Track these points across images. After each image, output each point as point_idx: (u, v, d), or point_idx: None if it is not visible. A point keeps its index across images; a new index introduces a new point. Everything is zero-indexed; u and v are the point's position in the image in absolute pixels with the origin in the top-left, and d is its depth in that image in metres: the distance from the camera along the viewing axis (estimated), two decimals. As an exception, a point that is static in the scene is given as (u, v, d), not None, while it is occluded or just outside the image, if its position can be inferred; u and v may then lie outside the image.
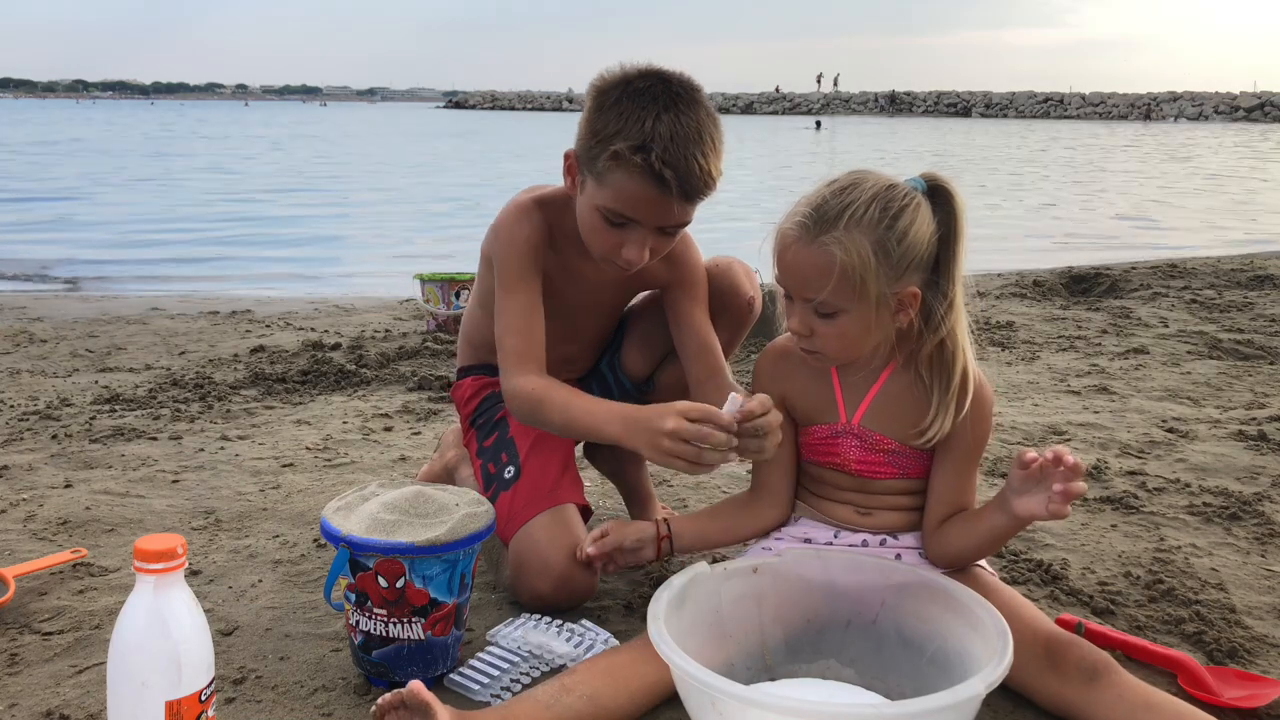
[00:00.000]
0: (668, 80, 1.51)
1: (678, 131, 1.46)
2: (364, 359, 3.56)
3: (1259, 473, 2.38)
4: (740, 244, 1.99)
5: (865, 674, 1.37)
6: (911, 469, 1.50)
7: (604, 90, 1.53)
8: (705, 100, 1.53)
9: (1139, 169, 18.53)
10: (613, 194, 1.50)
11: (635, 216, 1.52)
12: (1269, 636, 1.61)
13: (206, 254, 7.34)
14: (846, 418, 1.50)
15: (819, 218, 1.36)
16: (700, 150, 1.47)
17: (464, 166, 18.60)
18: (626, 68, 1.55)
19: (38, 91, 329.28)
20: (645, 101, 1.48)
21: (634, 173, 1.47)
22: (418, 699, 1.21)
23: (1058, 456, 1.26)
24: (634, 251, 1.54)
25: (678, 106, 1.48)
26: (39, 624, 1.62)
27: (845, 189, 1.37)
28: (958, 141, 31.51)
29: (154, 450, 2.51)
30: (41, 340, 3.85)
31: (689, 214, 1.54)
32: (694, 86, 1.53)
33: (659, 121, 1.46)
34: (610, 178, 1.50)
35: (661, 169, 1.45)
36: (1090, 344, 3.85)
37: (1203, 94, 71.52)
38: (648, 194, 1.48)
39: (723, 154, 1.53)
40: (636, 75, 1.52)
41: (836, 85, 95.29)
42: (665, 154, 1.45)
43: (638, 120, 1.47)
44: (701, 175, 1.48)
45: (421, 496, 1.48)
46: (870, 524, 1.52)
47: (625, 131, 1.47)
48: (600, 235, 1.56)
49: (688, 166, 1.46)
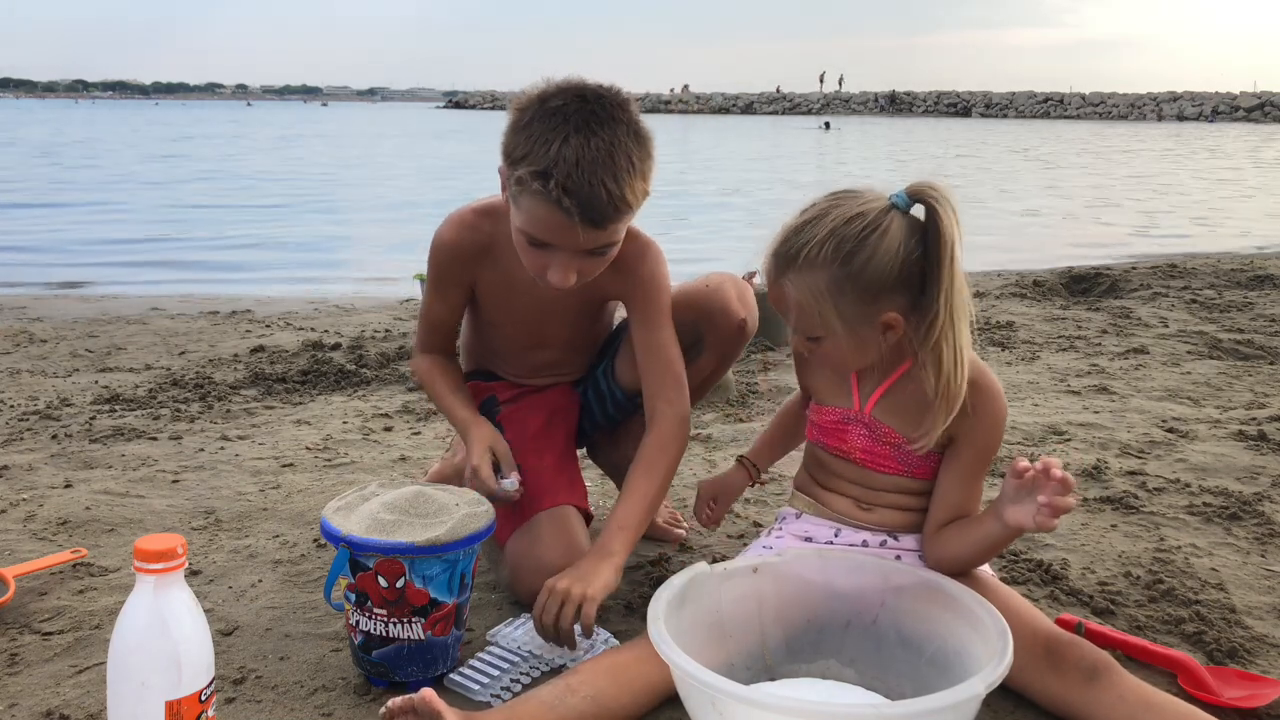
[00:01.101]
0: (584, 97, 1.45)
1: (584, 156, 1.40)
2: (364, 359, 3.56)
3: (1259, 473, 2.38)
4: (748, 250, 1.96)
5: (865, 674, 1.37)
6: (917, 468, 1.49)
7: (521, 108, 1.48)
8: (628, 117, 1.46)
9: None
10: (525, 218, 1.47)
11: (549, 241, 1.47)
12: (1269, 636, 1.61)
13: (207, 254, 7.34)
14: (859, 405, 1.51)
15: (782, 254, 1.40)
16: (610, 174, 1.41)
17: (465, 166, 18.60)
18: (548, 84, 1.49)
19: (38, 91, 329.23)
20: (556, 123, 1.42)
21: (538, 199, 1.43)
22: (429, 706, 1.21)
23: (1046, 468, 1.26)
24: (557, 274, 1.50)
25: (590, 127, 1.42)
26: (39, 624, 1.62)
27: (807, 224, 1.39)
28: (988, 140, 31.52)
29: (154, 450, 2.51)
30: (41, 340, 3.85)
31: (605, 238, 1.48)
32: (615, 103, 1.46)
33: (565, 145, 1.40)
34: (521, 201, 1.46)
35: (560, 196, 1.40)
36: (1090, 344, 3.85)
37: (1203, 94, 71.52)
38: (553, 221, 1.44)
39: (644, 173, 1.47)
40: (554, 92, 1.46)
41: (841, 85, 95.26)
42: (567, 180, 1.39)
43: (545, 143, 1.41)
44: (610, 201, 1.42)
45: (421, 496, 1.48)
46: (871, 520, 1.53)
47: (531, 155, 1.42)
48: (526, 255, 1.53)
49: (591, 193, 1.40)
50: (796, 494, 1.64)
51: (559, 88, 1.47)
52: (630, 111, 1.48)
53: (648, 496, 1.63)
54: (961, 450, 1.46)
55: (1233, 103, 66.12)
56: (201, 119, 53.02)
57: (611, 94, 1.47)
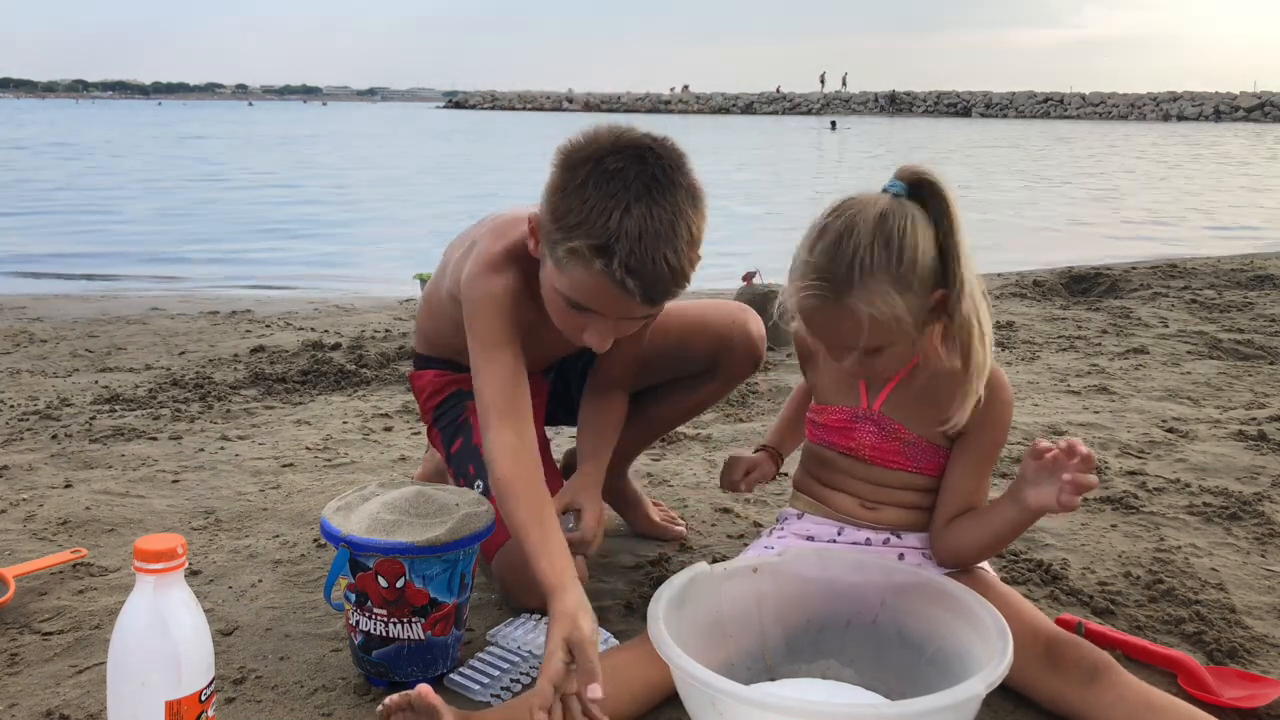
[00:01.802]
0: (644, 159, 1.34)
1: (647, 229, 1.30)
2: (364, 359, 3.56)
3: (1259, 473, 2.38)
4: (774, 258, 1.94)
5: (865, 674, 1.37)
6: (925, 464, 1.50)
7: (571, 165, 1.35)
8: (688, 179, 1.37)
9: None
10: (570, 285, 1.37)
11: (596, 309, 1.38)
12: (1269, 636, 1.61)
13: (207, 253, 7.34)
14: (868, 403, 1.51)
15: (832, 279, 1.33)
16: (672, 249, 1.32)
17: (465, 166, 18.60)
18: (601, 136, 1.37)
19: (38, 91, 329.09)
20: (615, 189, 1.31)
21: (594, 274, 1.32)
22: (425, 702, 1.21)
23: (1071, 447, 1.27)
24: (596, 339, 1.43)
25: (651, 195, 1.31)
26: (39, 624, 1.62)
27: (842, 236, 1.33)
28: (1006, 140, 31.50)
29: (154, 450, 2.51)
30: (41, 340, 3.85)
31: (657, 309, 1.41)
32: (674, 164, 1.36)
33: (627, 216, 1.29)
34: (569, 269, 1.35)
35: (624, 277, 1.30)
36: (1090, 344, 3.85)
37: (1203, 94, 71.51)
38: (608, 294, 1.34)
39: (701, 238, 1.38)
40: (609, 149, 1.34)
41: (845, 84, 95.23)
42: (630, 259, 1.30)
43: (603, 213, 1.30)
44: (672, 276, 1.33)
45: (421, 496, 1.48)
46: (874, 518, 1.53)
47: (588, 226, 1.31)
48: (561, 315, 1.44)
49: (655, 271, 1.31)
50: (797, 494, 1.64)
51: (614, 145, 1.35)
52: (687, 170, 1.38)
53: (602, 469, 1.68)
54: (971, 441, 1.46)
55: (1233, 103, 66.10)
56: (207, 119, 53.07)
57: (669, 152, 1.37)
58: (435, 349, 1.84)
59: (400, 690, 1.40)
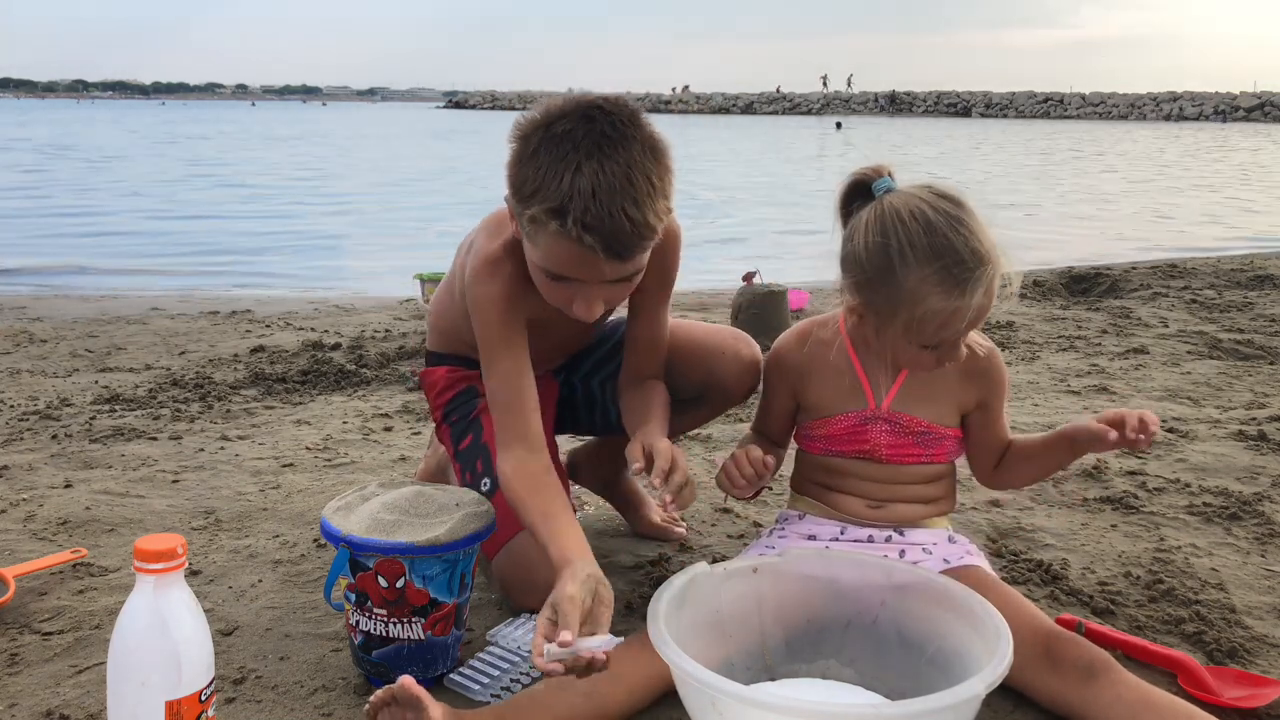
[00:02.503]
0: (591, 118, 1.33)
1: (600, 184, 1.29)
2: (364, 359, 3.56)
3: (1259, 473, 2.38)
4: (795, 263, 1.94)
5: (865, 674, 1.37)
6: (937, 451, 1.54)
7: (523, 136, 1.36)
8: (641, 132, 1.35)
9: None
10: (543, 255, 1.38)
11: (572, 276, 1.39)
12: (1269, 636, 1.61)
13: (206, 254, 7.34)
14: (876, 403, 1.52)
15: (970, 274, 1.35)
16: (630, 200, 1.30)
17: (465, 165, 18.59)
18: (552, 104, 1.37)
19: (38, 91, 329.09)
20: (564, 151, 1.31)
21: (556, 237, 1.33)
22: (408, 694, 1.21)
23: (1144, 425, 1.36)
24: (583, 308, 1.42)
25: (602, 150, 1.30)
26: (39, 624, 1.62)
27: (952, 223, 1.35)
28: (1031, 140, 31.47)
29: (154, 450, 2.51)
30: (41, 340, 3.85)
31: (632, 266, 1.39)
32: (625, 119, 1.34)
33: (579, 175, 1.29)
34: (537, 239, 1.36)
35: (580, 234, 1.30)
36: (1090, 344, 3.85)
37: (1203, 94, 71.49)
38: (575, 256, 1.34)
39: (665, 191, 1.36)
40: (558, 115, 1.34)
41: (850, 85, 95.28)
42: (585, 215, 1.29)
43: (555, 176, 1.30)
44: (634, 230, 1.32)
45: (421, 496, 1.48)
46: (879, 517, 1.54)
47: (543, 191, 1.31)
48: (548, 290, 1.44)
49: (613, 225, 1.30)
50: (797, 496, 1.64)
51: (562, 109, 1.35)
52: (641, 124, 1.37)
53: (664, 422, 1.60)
54: (992, 404, 1.56)
55: (1233, 103, 66.10)
56: (212, 119, 52.93)
57: (619, 108, 1.36)
58: (448, 345, 1.83)
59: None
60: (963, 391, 1.55)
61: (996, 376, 1.56)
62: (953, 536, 1.58)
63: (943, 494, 1.59)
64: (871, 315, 1.42)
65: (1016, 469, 1.59)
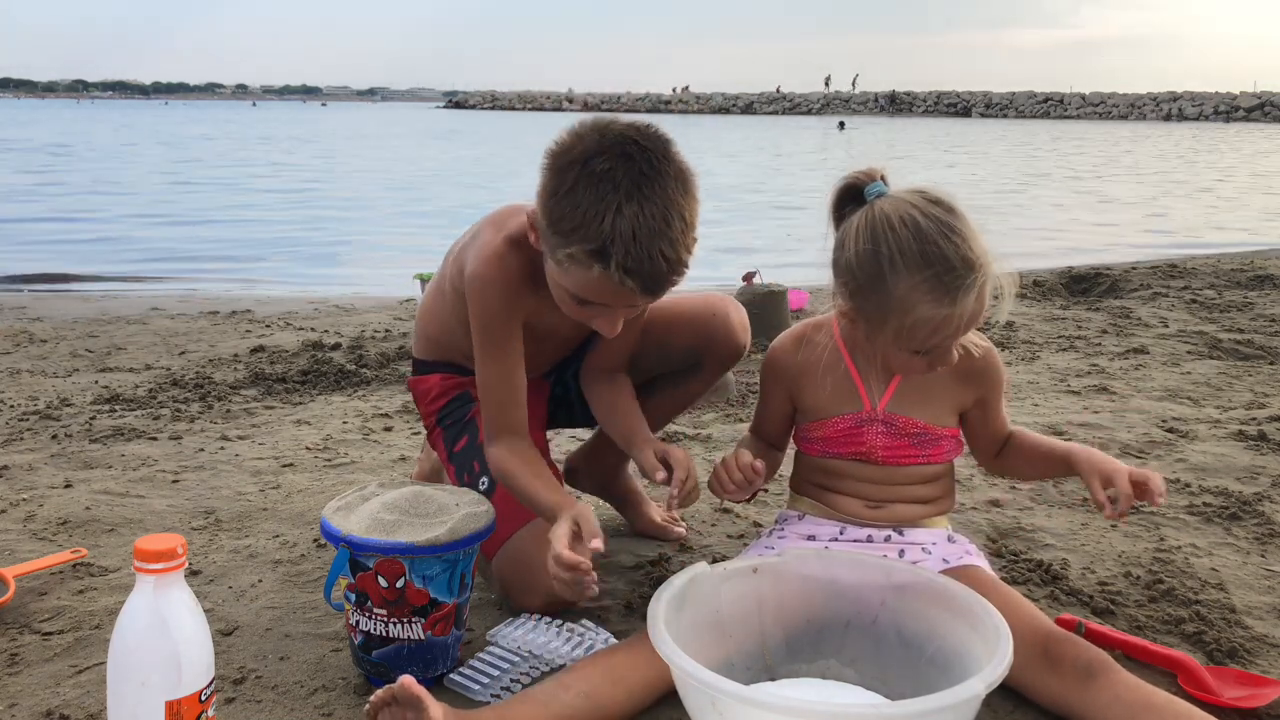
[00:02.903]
0: (629, 155, 1.35)
1: (640, 227, 1.33)
2: (364, 359, 3.56)
3: (1259, 473, 2.38)
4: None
5: (865, 674, 1.37)
6: (934, 451, 1.55)
7: (559, 169, 1.38)
8: (675, 166, 1.39)
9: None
10: (574, 284, 1.41)
11: (600, 302, 1.44)
12: (1269, 636, 1.61)
13: (205, 253, 7.34)
14: (871, 405, 1.53)
15: (952, 276, 1.34)
16: (667, 241, 1.35)
17: (465, 165, 18.59)
18: (585, 134, 1.39)
19: (38, 91, 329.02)
20: (605, 191, 1.33)
21: (594, 275, 1.37)
22: (408, 693, 1.21)
23: (1149, 491, 1.40)
24: (606, 326, 1.48)
25: (641, 191, 1.34)
26: (39, 624, 1.62)
27: (945, 231, 1.35)
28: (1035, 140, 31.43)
29: (154, 450, 2.51)
30: (41, 340, 3.85)
31: (659, 297, 1.45)
32: (660, 154, 1.38)
33: (620, 217, 1.32)
34: (571, 270, 1.39)
35: (623, 278, 1.34)
36: (1090, 344, 3.85)
37: (1203, 94, 71.49)
38: (610, 291, 1.39)
39: (695, 221, 1.40)
40: (595, 150, 1.36)
41: (855, 85, 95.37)
42: (626, 260, 1.33)
43: (596, 216, 1.33)
44: (670, 267, 1.37)
45: (421, 496, 1.48)
46: (878, 517, 1.54)
47: (583, 231, 1.34)
48: (569, 307, 1.48)
49: (653, 266, 1.35)
50: (797, 497, 1.65)
51: (599, 145, 1.37)
52: (673, 156, 1.40)
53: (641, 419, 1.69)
54: (989, 401, 1.57)
55: (1233, 103, 66.09)
56: (215, 119, 52.91)
57: (654, 142, 1.39)
58: (440, 352, 1.82)
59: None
60: (959, 392, 1.56)
61: (993, 376, 1.56)
62: (952, 536, 1.58)
63: (941, 494, 1.60)
64: (862, 321, 1.43)
65: (1016, 465, 1.62)
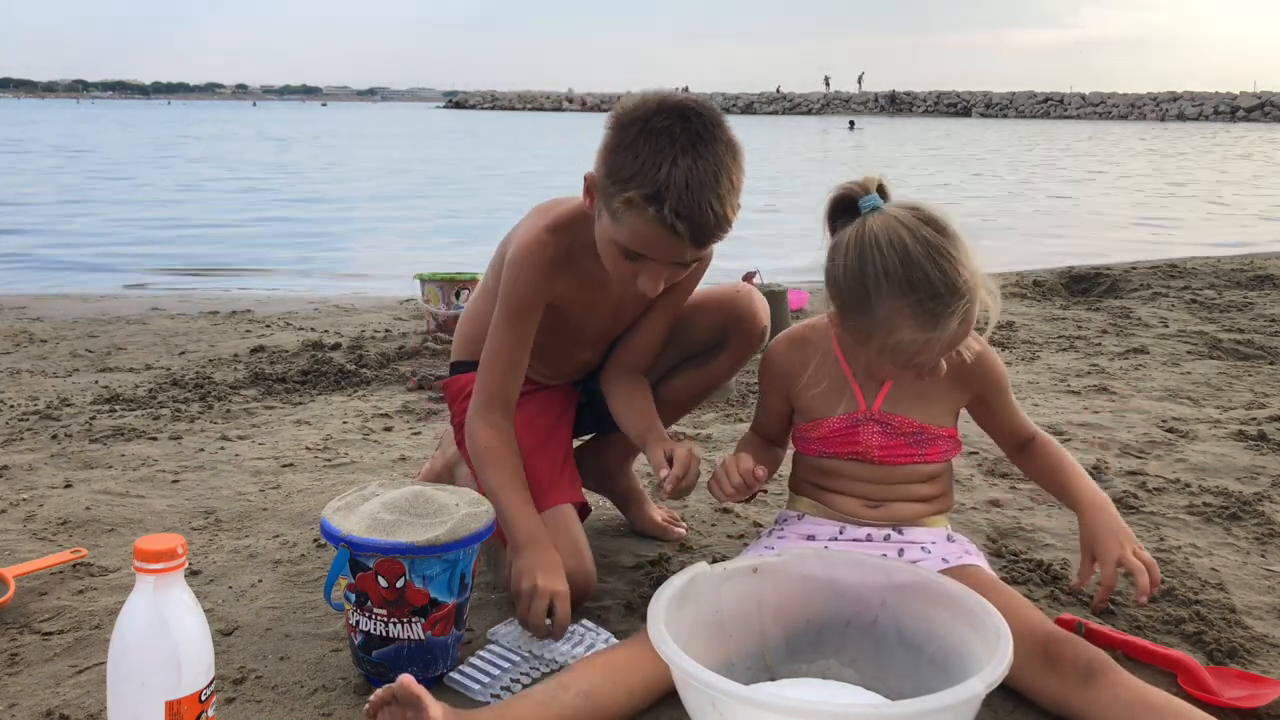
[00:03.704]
0: (687, 117, 1.47)
1: (693, 177, 1.43)
2: (364, 359, 3.56)
3: (1259, 473, 2.38)
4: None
5: (865, 674, 1.37)
6: (930, 451, 1.55)
7: (623, 126, 1.49)
8: (726, 134, 1.50)
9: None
10: (626, 233, 1.49)
11: (649, 255, 1.50)
12: (1269, 636, 1.61)
13: (207, 253, 7.34)
14: (866, 405, 1.54)
15: (940, 304, 1.35)
16: (716, 195, 1.45)
17: (465, 164, 18.60)
18: (648, 99, 1.51)
19: (38, 91, 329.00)
20: (663, 144, 1.44)
21: (647, 220, 1.45)
22: (408, 693, 1.21)
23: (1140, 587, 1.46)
24: (649, 283, 1.54)
25: (696, 149, 1.45)
26: (39, 624, 1.62)
27: (932, 255, 1.35)
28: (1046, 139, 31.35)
29: (154, 450, 2.51)
30: (41, 340, 3.85)
31: (703, 252, 1.53)
32: (715, 121, 1.49)
33: (675, 167, 1.43)
34: (624, 218, 1.47)
35: (674, 221, 1.43)
36: (1090, 344, 3.85)
37: (1203, 94, 71.48)
38: (660, 239, 1.47)
39: (741, 188, 1.50)
40: (655, 110, 1.48)
41: (861, 84, 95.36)
42: (679, 204, 1.42)
43: (654, 165, 1.43)
44: (716, 221, 1.46)
45: (421, 496, 1.48)
46: (876, 517, 1.55)
47: (640, 177, 1.44)
48: (616, 264, 1.56)
49: (701, 216, 1.44)
50: (796, 497, 1.65)
51: (659, 105, 1.48)
52: (726, 127, 1.50)
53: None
54: (990, 396, 1.58)
55: (1233, 103, 66.08)
56: (220, 119, 52.86)
57: (709, 111, 1.49)
58: (475, 351, 1.85)
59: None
60: (954, 392, 1.57)
61: (989, 375, 1.57)
62: (951, 535, 1.58)
63: (939, 492, 1.60)
64: (848, 333, 1.46)
65: (1033, 475, 1.67)
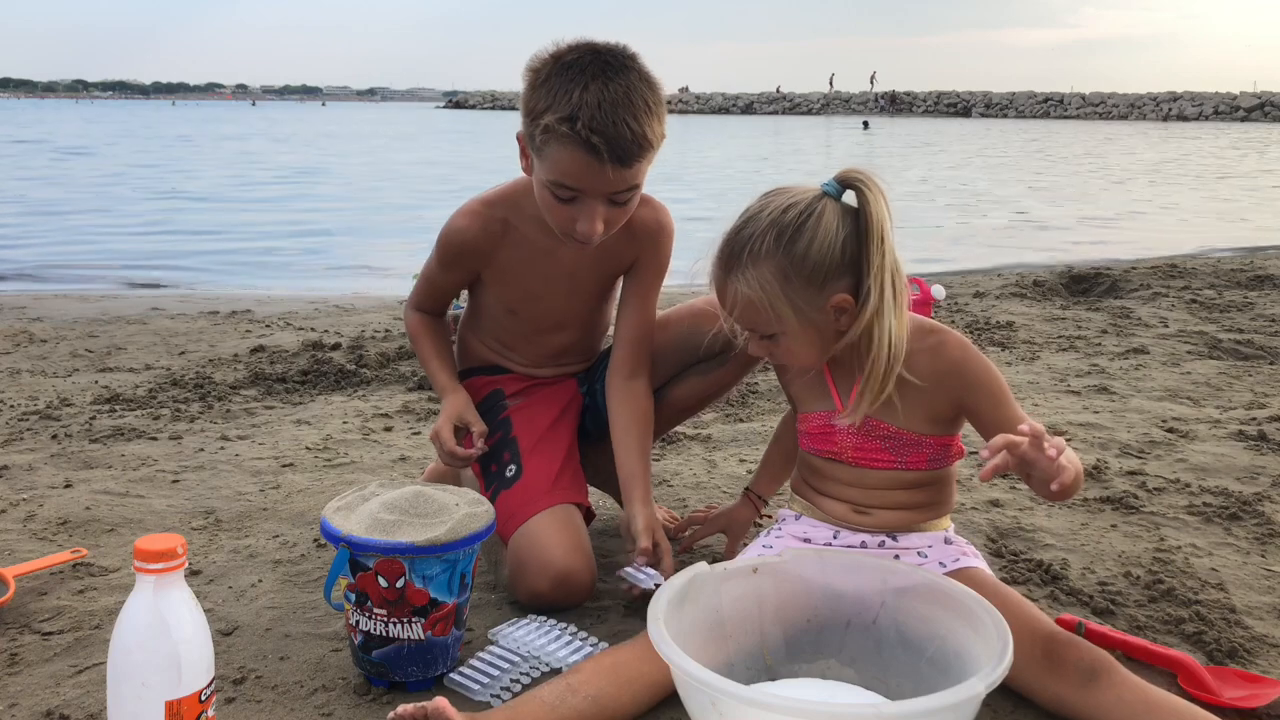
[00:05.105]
0: (597, 50, 1.54)
1: (605, 98, 1.48)
2: (364, 359, 3.56)
3: (1259, 473, 2.38)
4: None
5: (865, 674, 1.36)
6: (911, 458, 1.49)
7: (536, 69, 1.56)
8: (639, 66, 1.55)
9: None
10: (552, 166, 1.53)
11: (578, 186, 1.54)
12: (1269, 636, 1.61)
13: (205, 253, 7.34)
14: (841, 404, 1.51)
15: (726, 256, 1.42)
16: (630, 114, 1.49)
17: (466, 165, 18.59)
18: (559, 43, 1.57)
19: (38, 91, 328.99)
20: (573, 74, 1.51)
21: (566, 144, 1.49)
22: (443, 715, 1.21)
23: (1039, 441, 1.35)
24: (586, 223, 1.56)
25: (605, 74, 1.51)
26: (39, 624, 1.62)
27: (746, 223, 1.42)
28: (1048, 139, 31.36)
29: (154, 450, 2.51)
30: (41, 340, 3.85)
31: (630, 178, 1.55)
32: (625, 54, 1.55)
33: (586, 91, 1.49)
34: (548, 152, 1.52)
35: (589, 136, 1.47)
36: (1090, 344, 3.85)
37: (1203, 94, 71.46)
38: (583, 162, 1.50)
39: (660, 115, 1.54)
40: (566, 50, 1.55)
41: (874, 83, 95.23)
42: (593, 121, 1.47)
43: (565, 93, 1.49)
44: (634, 138, 1.50)
45: (421, 496, 1.48)
46: (865, 524, 1.52)
47: (555, 105, 1.50)
48: (554, 211, 1.59)
49: (616, 131, 1.48)
50: (795, 496, 1.64)
51: (570, 46, 1.56)
52: (639, 62, 1.56)
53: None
54: (973, 402, 1.46)
55: (1233, 103, 66.07)
56: (222, 119, 52.88)
57: (619, 48, 1.56)
58: (477, 359, 1.94)
59: (400, 690, 1.40)
60: (933, 397, 1.47)
61: (970, 379, 1.45)
62: (949, 538, 1.55)
63: (927, 501, 1.53)
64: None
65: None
